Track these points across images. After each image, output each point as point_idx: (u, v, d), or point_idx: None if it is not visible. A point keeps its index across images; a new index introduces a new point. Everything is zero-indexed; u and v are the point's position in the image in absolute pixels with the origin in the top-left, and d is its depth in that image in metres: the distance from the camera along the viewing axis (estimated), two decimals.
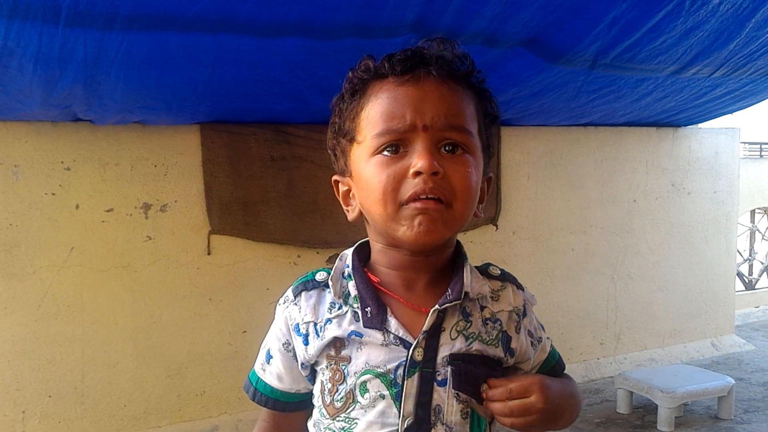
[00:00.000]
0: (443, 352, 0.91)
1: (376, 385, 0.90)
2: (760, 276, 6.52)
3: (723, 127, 4.66)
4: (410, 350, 0.90)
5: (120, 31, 2.13)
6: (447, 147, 0.89)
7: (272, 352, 1.01)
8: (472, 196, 0.91)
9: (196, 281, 3.13)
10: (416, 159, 0.86)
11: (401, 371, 0.90)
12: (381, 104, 0.90)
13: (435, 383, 0.91)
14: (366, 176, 0.91)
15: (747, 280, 6.36)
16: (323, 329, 0.94)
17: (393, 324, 0.91)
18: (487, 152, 0.97)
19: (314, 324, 0.95)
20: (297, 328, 0.97)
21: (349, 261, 0.99)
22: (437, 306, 0.91)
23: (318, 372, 0.97)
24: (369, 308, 0.92)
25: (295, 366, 0.99)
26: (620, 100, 3.59)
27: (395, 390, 0.90)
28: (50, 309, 2.85)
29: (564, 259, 4.09)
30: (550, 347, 1.08)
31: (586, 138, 4.12)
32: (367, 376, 0.91)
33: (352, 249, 1.01)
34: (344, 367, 0.92)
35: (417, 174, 0.86)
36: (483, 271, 1.01)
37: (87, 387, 2.93)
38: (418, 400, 0.90)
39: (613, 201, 4.23)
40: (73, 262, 2.89)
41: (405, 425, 0.89)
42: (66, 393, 2.90)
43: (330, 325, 0.94)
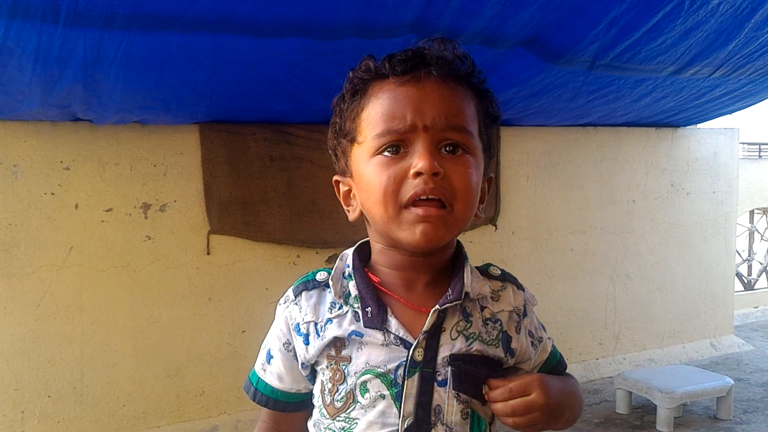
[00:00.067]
0: (443, 353, 0.91)
1: (377, 385, 0.90)
2: (759, 276, 6.52)
3: (722, 128, 4.66)
4: (410, 350, 0.90)
5: (119, 31, 2.13)
6: (447, 147, 0.89)
7: (273, 352, 1.01)
8: (473, 197, 0.91)
9: (196, 281, 3.12)
10: (417, 159, 0.86)
11: (401, 371, 0.90)
12: (381, 105, 0.90)
13: (435, 383, 0.91)
14: (366, 177, 0.91)
15: (746, 281, 6.36)
16: (324, 329, 0.94)
17: (393, 324, 0.91)
18: (488, 153, 0.97)
19: (315, 324, 0.95)
20: (297, 328, 0.97)
21: (350, 261, 0.99)
22: (438, 306, 0.92)
23: (318, 372, 0.97)
24: (369, 308, 0.92)
25: (296, 366, 0.99)
26: (619, 101, 3.59)
27: (395, 390, 0.90)
28: (49, 309, 2.85)
29: (563, 259, 4.09)
30: (551, 347, 1.08)
31: (586, 138, 4.12)
32: (368, 376, 0.91)
33: (353, 249, 1.01)
34: (344, 367, 0.92)
35: (417, 174, 0.86)
36: (483, 272, 1.02)
37: (86, 387, 2.93)
38: (419, 401, 0.90)
39: (613, 201, 4.23)
40: (73, 262, 2.88)
41: (405, 425, 0.89)
42: (65, 393, 2.90)
43: (330, 325, 0.94)
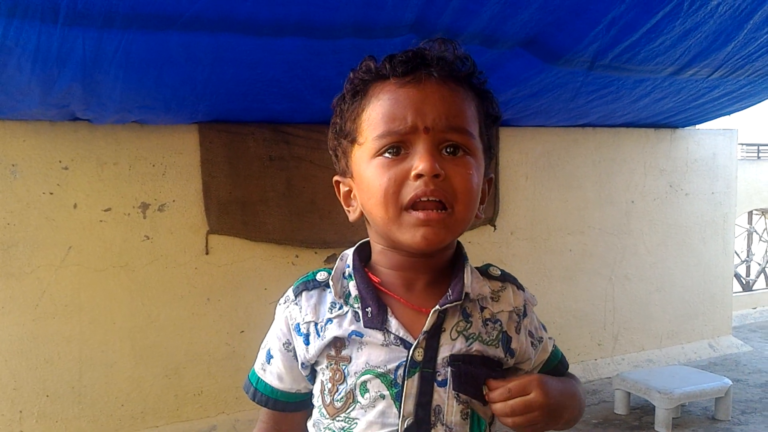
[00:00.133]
0: (443, 353, 0.91)
1: (377, 385, 0.90)
2: (758, 277, 6.52)
3: (721, 129, 4.67)
4: (410, 350, 0.90)
5: (119, 31, 2.13)
6: (448, 149, 0.89)
7: (272, 352, 1.01)
8: (474, 198, 0.91)
9: (194, 281, 3.12)
10: (417, 161, 0.86)
11: (401, 371, 0.90)
12: (382, 106, 0.90)
13: (435, 383, 0.91)
14: (367, 178, 0.90)
15: (744, 282, 6.37)
16: (324, 329, 0.94)
17: (393, 324, 0.91)
18: (488, 153, 0.97)
19: (315, 324, 0.95)
20: (297, 328, 0.97)
21: (350, 261, 0.99)
22: (438, 306, 0.92)
23: (318, 372, 0.97)
24: (369, 308, 0.92)
25: (296, 366, 0.99)
26: (618, 101, 3.59)
27: (395, 390, 0.90)
28: (48, 308, 2.85)
29: (562, 260, 4.10)
30: (552, 347, 1.08)
31: (585, 139, 4.12)
32: (368, 376, 0.91)
33: (353, 249, 1.01)
34: (344, 367, 0.92)
35: (418, 176, 0.86)
36: (483, 272, 1.02)
37: (84, 386, 2.93)
38: (418, 401, 0.90)
39: (611, 202, 4.23)
40: (71, 262, 2.88)
41: (405, 425, 0.89)
42: (63, 392, 2.89)
43: (331, 325, 0.94)
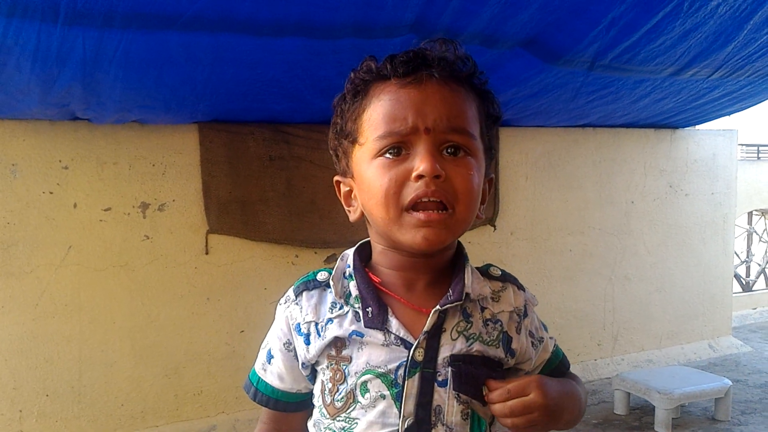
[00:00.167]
0: (444, 353, 0.91)
1: (377, 385, 0.90)
2: (758, 278, 6.52)
3: (721, 129, 4.67)
4: (411, 350, 0.90)
5: (119, 30, 2.13)
6: (449, 149, 0.89)
7: (273, 352, 1.01)
8: (474, 199, 0.91)
9: (194, 281, 3.12)
10: (418, 162, 0.86)
11: (402, 371, 0.90)
12: (383, 106, 0.90)
13: (435, 384, 0.91)
14: (368, 178, 0.90)
15: (744, 282, 6.36)
16: (324, 329, 0.94)
17: (394, 324, 0.91)
18: (489, 153, 0.97)
19: (315, 324, 0.95)
20: (298, 328, 0.97)
21: (351, 261, 0.99)
22: (438, 306, 0.92)
23: (318, 372, 0.97)
24: (370, 308, 0.92)
25: (296, 366, 0.99)
26: (618, 102, 3.59)
27: (396, 390, 0.90)
28: (48, 308, 2.85)
29: (562, 260, 4.09)
30: (554, 347, 1.08)
31: (585, 139, 4.12)
32: (368, 376, 0.91)
33: (354, 249, 1.00)
34: (345, 367, 0.92)
35: (419, 177, 0.86)
36: (484, 272, 1.02)
37: (84, 386, 2.93)
38: (419, 401, 0.90)
39: (611, 202, 4.23)
40: (71, 261, 2.88)
41: (405, 425, 0.89)
42: (63, 392, 2.89)
43: (331, 325, 0.94)
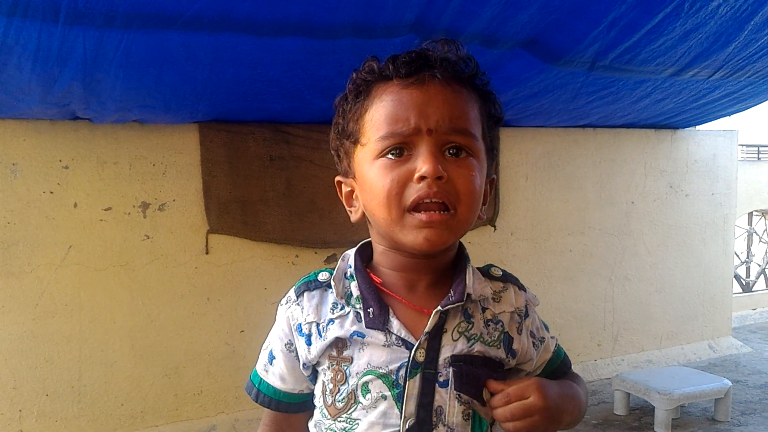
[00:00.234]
0: (445, 354, 0.91)
1: (378, 386, 0.90)
2: (758, 278, 6.52)
3: (721, 130, 4.67)
4: (412, 351, 0.90)
5: (119, 30, 2.13)
6: (451, 150, 0.89)
7: (275, 353, 1.01)
8: (476, 200, 0.91)
9: (194, 280, 3.12)
10: (420, 163, 0.86)
11: (403, 372, 0.90)
12: (385, 107, 0.90)
13: (437, 384, 0.90)
14: (370, 179, 0.90)
15: (744, 283, 6.36)
16: (326, 329, 0.94)
17: (395, 325, 0.91)
18: (491, 154, 0.97)
19: (317, 324, 0.95)
20: (299, 329, 0.97)
21: (352, 261, 0.99)
22: (440, 307, 0.91)
23: (319, 372, 0.97)
24: (371, 309, 0.92)
25: (298, 366, 0.99)
26: (619, 102, 3.59)
27: (397, 391, 0.90)
28: (48, 307, 2.85)
29: (562, 261, 4.09)
30: (555, 346, 1.08)
31: (585, 139, 4.12)
32: (369, 377, 0.91)
33: (355, 249, 1.00)
34: (346, 368, 0.92)
35: (421, 178, 0.86)
36: (485, 272, 1.01)
37: (84, 386, 2.93)
38: (420, 401, 0.90)
39: (611, 202, 4.23)
40: (71, 261, 2.88)
41: (407, 426, 0.89)
42: (63, 392, 2.89)
43: (332, 326, 0.94)
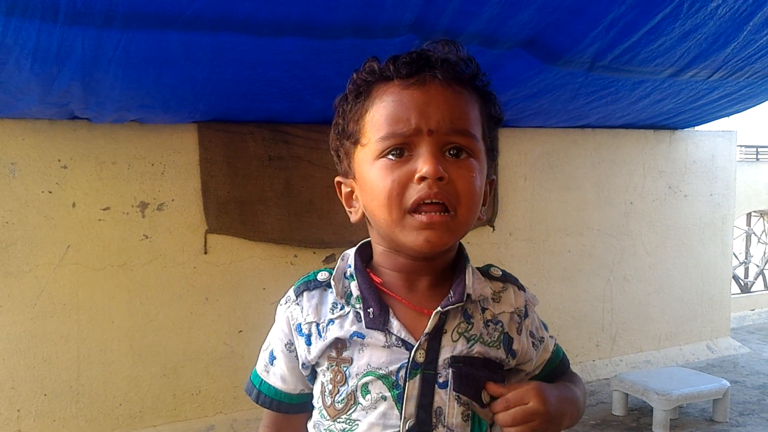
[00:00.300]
0: (445, 354, 0.91)
1: (378, 387, 0.90)
2: (756, 279, 6.53)
3: (720, 130, 4.67)
4: (412, 352, 0.90)
5: (118, 30, 2.12)
6: (451, 151, 0.89)
7: (275, 353, 1.01)
8: (476, 201, 0.91)
9: (193, 280, 3.12)
10: (421, 164, 0.86)
11: (403, 373, 0.90)
12: (386, 107, 0.89)
13: (436, 385, 0.90)
14: (370, 180, 0.90)
15: (743, 283, 6.37)
16: (326, 330, 0.94)
17: (395, 325, 0.91)
18: (491, 155, 0.97)
19: (317, 324, 0.95)
20: (299, 328, 0.97)
21: (351, 261, 0.99)
22: (439, 308, 0.91)
23: (318, 373, 0.97)
24: (371, 309, 0.92)
25: (298, 366, 0.98)
26: (618, 102, 3.59)
27: (397, 392, 0.90)
28: (46, 307, 2.84)
29: (560, 261, 4.10)
30: (554, 346, 1.08)
31: (584, 140, 4.12)
32: (369, 378, 0.90)
33: (355, 249, 1.00)
34: (345, 369, 0.92)
35: (422, 179, 0.86)
36: (484, 273, 1.01)
37: (82, 386, 2.92)
38: (420, 402, 0.90)
39: (610, 203, 4.23)
40: (70, 261, 2.87)
41: (406, 427, 0.89)
42: (61, 391, 2.89)
43: (332, 326, 0.94)
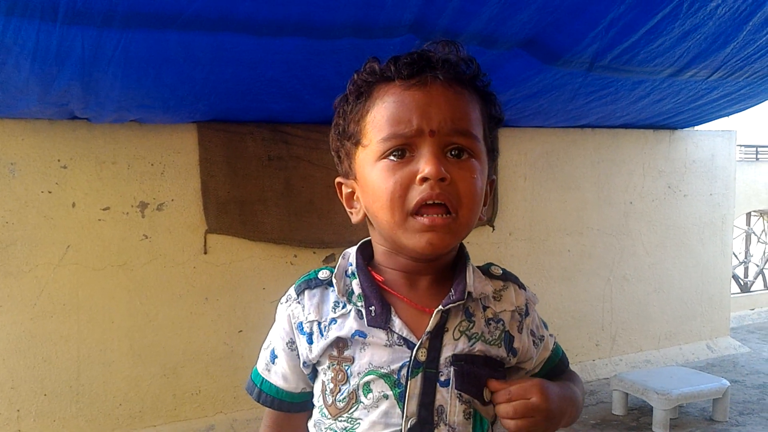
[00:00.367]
0: (446, 353, 0.91)
1: (380, 386, 0.90)
2: (756, 278, 6.54)
3: (719, 130, 4.67)
4: (414, 350, 0.90)
5: (118, 29, 2.12)
6: (453, 152, 0.89)
7: (277, 352, 1.01)
8: (478, 202, 0.91)
9: (193, 280, 3.12)
10: (423, 165, 0.86)
11: (405, 372, 0.90)
12: (387, 108, 0.89)
13: (438, 383, 0.91)
14: (372, 181, 0.90)
15: (742, 283, 6.38)
16: (327, 328, 0.94)
17: (397, 324, 0.91)
18: (492, 155, 0.97)
19: (318, 323, 0.95)
20: (300, 327, 0.97)
21: (353, 259, 0.99)
22: (441, 306, 0.91)
23: (319, 372, 0.97)
24: (373, 307, 0.92)
25: (299, 364, 0.98)
26: (617, 102, 3.59)
27: (398, 390, 0.90)
28: (46, 307, 2.84)
29: (560, 261, 4.10)
30: (554, 344, 1.08)
31: (583, 140, 4.12)
32: (371, 377, 0.91)
33: (356, 248, 1.00)
34: (347, 368, 0.92)
35: (424, 180, 0.86)
36: (484, 271, 1.02)
37: (82, 386, 2.92)
38: (421, 401, 0.90)
39: (610, 203, 4.24)
40: (69, 261, 2.87)
41: (408, 425, 0.89)
42: (61, 391, 2.89)
43: (334, 325, 0.94)
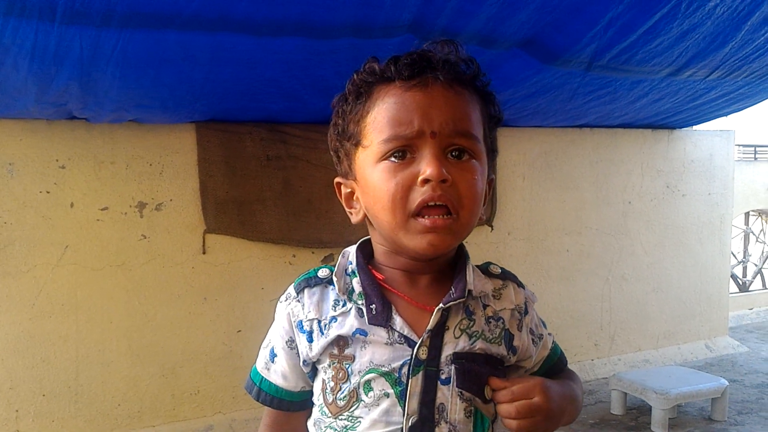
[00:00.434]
0: (447, 351, 0.91)
1: (381, 384, 0.90)
2: (754, 278, 6.54)
3: (718, 130, 4.68)
4: (415, 349, 0.90)
5: (116, 29, 2.12)
6: (454, 152, 0.89)
7: (276, 351, 1.01)
8: (478, 203, 0.91)
9: (191, 280, 3.12)
10: (425, 166, 0.86)
11: (406, 370, 0.90)
12: (388, 109, 0.89)
13: (439, 382, 0.91)
14: (373, 182, 0.90)
15: (741, 282, 6.39)
16: (328, 327, 0.94)
17: (398, 322, 0.91)
18: (491, 155, 0.97)
19: (318, 321, 0.95)
20: (300, 325, 0.97)
21: (353, 258, 0.99)
22: (441, 304, 0.91)
23: (320, 370, 0.96)
24: (374, 305, 0.92)
25: (299, 363, 0.98)
26: (616, 102, 3.60)
27: (399, 388, 0.90)
28: (44, 307, 2.84)
29: (559, 260, 4.10)
30: (552, 343, 1.08)
31: (582, 139, 4.13)
32: (372, 375, 0.90)
33: (356, 246, 1.00)
34: (348, 366, 0.92)
35: (425, 181, 0.86)
36: (483, 270, 1.02)
37: (81, 386, 2.92)
38: (422, 399, 0.90)
39: (608, 202, 4.24)
40: (68, 261, 2.87)
41: (409, 424, 0.89)
42: (60, 392, 2.89)
43: (335, 323, 0.94)
